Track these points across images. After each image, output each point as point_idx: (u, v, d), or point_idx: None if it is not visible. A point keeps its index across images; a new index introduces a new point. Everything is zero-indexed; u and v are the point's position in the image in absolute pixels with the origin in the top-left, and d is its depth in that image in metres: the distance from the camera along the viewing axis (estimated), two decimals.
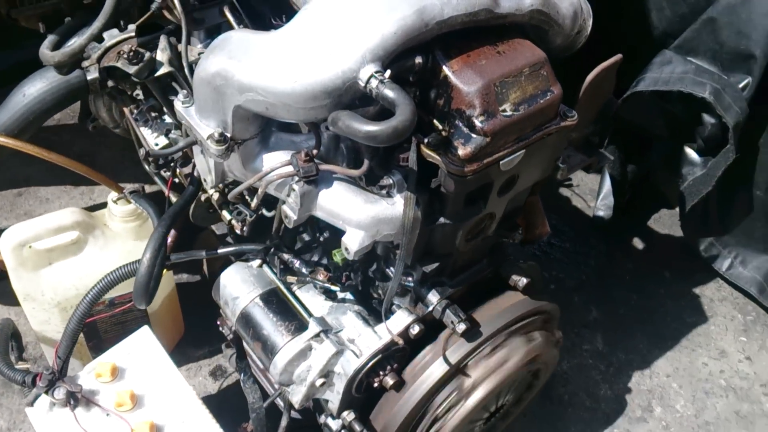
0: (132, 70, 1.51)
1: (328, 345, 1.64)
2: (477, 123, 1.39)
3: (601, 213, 2.93)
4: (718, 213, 2.65)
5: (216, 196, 1.79)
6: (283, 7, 1.71)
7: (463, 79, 1.39)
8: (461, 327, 1.65)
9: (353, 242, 1.48)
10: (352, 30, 1.32)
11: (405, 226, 1.47)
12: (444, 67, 1.40)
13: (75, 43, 1.54)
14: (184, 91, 1.47)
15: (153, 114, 1.78)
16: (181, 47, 1.59)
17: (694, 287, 2.83)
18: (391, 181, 1.49)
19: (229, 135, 1.43)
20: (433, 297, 1.69)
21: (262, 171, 1.47)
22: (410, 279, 1.70)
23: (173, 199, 1.93)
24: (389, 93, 1.27)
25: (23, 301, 1.97)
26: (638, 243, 2.97)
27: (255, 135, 1.48)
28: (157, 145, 1.80)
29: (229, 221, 1.85)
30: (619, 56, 1.72)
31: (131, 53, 1.48)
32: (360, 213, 1.48)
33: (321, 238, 1.83)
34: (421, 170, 1.46)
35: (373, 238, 1.50)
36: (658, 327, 2.68)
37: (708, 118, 2.32)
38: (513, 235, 1.78)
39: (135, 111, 1.79)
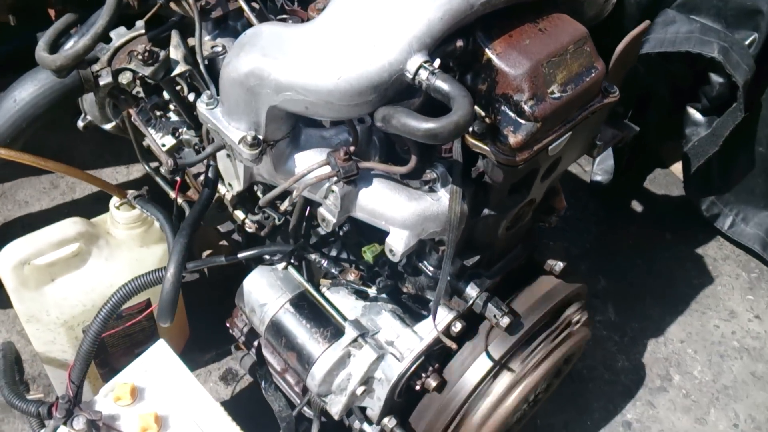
0: (147, 71, 1.38)
1: (367, 351, 1.56)
2: (526, 108, 1.30)
3: (598, 178, 2.88)
4: (719, 171, 2.62)
5: (229, 195, 1.68)
6: None
7: (509, 61, 1.30)
8: (505, 321, 1.58)
9: (398, 244, 1.39)
10: (395, 17, 1.21)
11: (451, 222, 1.38)
12: (487, 50, 1.31)
13: (79, 44, 1.39)
14: (208, 92, 1.35)
15: (157, 113, 1.65)
16: (193, 41, 1.45)
17: (697, 247, 2.81)
18: (435, 175, 1.40)
19: (261, 137, 1.32)
20: (472, 290, 1.62)
21: (298, 173, 1.37)
22: None
23: (180, 201, 1.81)
24: (443, 85, 1.18)
25: (26, 323, 1.83)
26: (637, 206, 2.94)
27: (287, 135, 1.37)
28: (164, 146, 1.67)
29: (242, 221, 1.75)
30: (646, 23, 1.65)
31: (146, 53, 1.35)
32: (404, 212, 1.39)
33: (340, 232, 1.73)
34: (465, 161, 1.38)
35: (419, 237, 1.42)
36: (666, 291, 2.66)
37: (715, 78, 2.27)
38: (550, 218, 1.71)
39: (135, 110, 1.65)
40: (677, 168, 2.95)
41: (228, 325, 2.00)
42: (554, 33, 1.36)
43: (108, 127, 1.94)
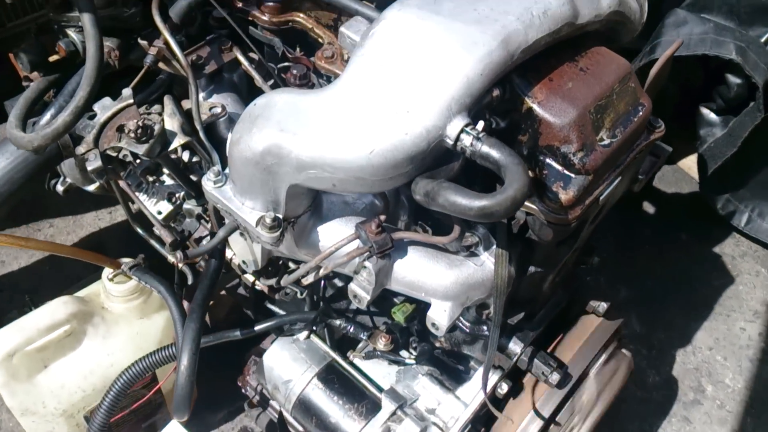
0: (142, 149, 1.21)
1: (409, 425, 1.42)
2: (576, 160, 1.16)
3: None
4: (734, 169, 2.51)
5: (237, 260, 1.52)
6: (294, 36, 1.43)
7: (553, 110, 1.16)
8: (555, 378, 1.45)
9: (442, 318, 1.25)
10: (429, 78, 1.06)
11: (498, 287, 1.24)
12: (527, 98, 1.17)
13: (58, 121, 1.22)
14: (215, 168, 1.18)
15: (149, 177, 1.48)
16: (187, 104, 1.29)
17: (713, 246, 2.71)
18: (476, 239, 1.25)
19: (281, 216, 1.16)
20: (515, 346, 1.48)
21: (325, 250, 1.21)
22: (484, 327, 1.49)
23: (181, 266, 1.65)
24: (491, 152, 1.03)
25: (21, 417, 1.66)
26: (648, 207, 2.82)
27: (309, 208, 1.21)
28: (160, 213, 1.50)
29: (252, 283, 1.59)
30: (679, 41, 1.52)
31: (139, 130, 1.18)
32: (445, 281, 1.24)
33: None
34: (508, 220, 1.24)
35: (463, 307, 1.27)
36: (688, 295, 2.55)
37: (733, 79, 2.15)
38: (591, 259, 1.57)
39: (124, 173, 1.48)
40: (685, 164, 2.84)
41: (240, 384, 1.85)
42: (597, 72, 1.22)
43: (91, 188, 1.76)
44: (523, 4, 1.13)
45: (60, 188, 1.77)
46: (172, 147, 1.24)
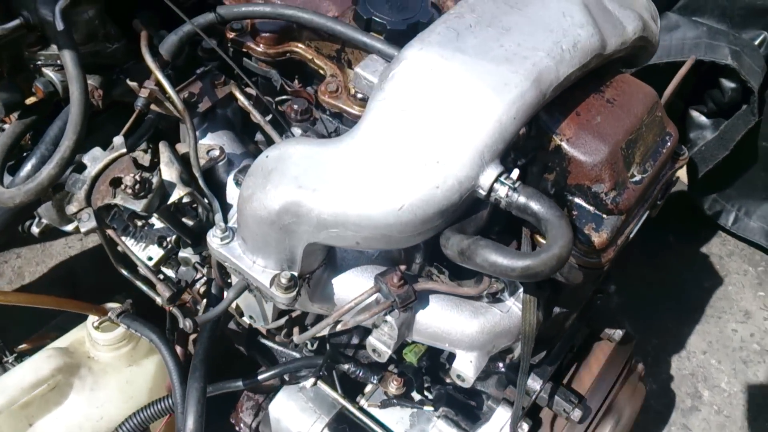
0: (140, 206, 1.10)
1: None
2: (608, 200, 1.10)
3: None
4: (722, 170, 2.48)
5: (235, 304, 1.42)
6: (292, 67, 1.33)
7: (584, 148, 1.09)
8: (576, 414, 1.40)
9: (468, 369, 1.17)
10: (459, 123, 0.98)
11: (526, 334, 1.17)
12: (555, 136, 1.09)
13: (42, 174, 1.10)
14: (221, 224, 1.08)
15: (137, 221, 1.37)
16: (182, 147, 1.18)
17: (701, 247, 2.69)
18: (502, 284, 1.18)
19: (296, 273, 1.07)
20: (534, 383, 1.41)
21: (344, 307, 1.12)
22: (499, 363, 1.42)
23: (175, 311, 1.54)
24: (531, 205, 0.96)
25: None
26: None
27: (324, 261, 1.12)
28: (150, 259, 1.40)
29: (249, 324, 1.50)
30: (693, 58, 1.46)
31: (137, 186, 1.07)
32: (470, 330, 1.17)
33: None
34: None
35: (489, 355, 1.20)
36: (679, 299, 2.53)
37: (727, 83, 2.11)
38: (608, 288, 1.51)
39: (108, 219, 1.37)
40: None
41: (233, 421, 1.76)
42: (625, 103, 1.15)
43: (70, 228, 1.64)
44: (551, 38, 1.06)
45: (35, 230, 1.65)
46: (171, 200, 1.13)
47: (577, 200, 1.12)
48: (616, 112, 1.13)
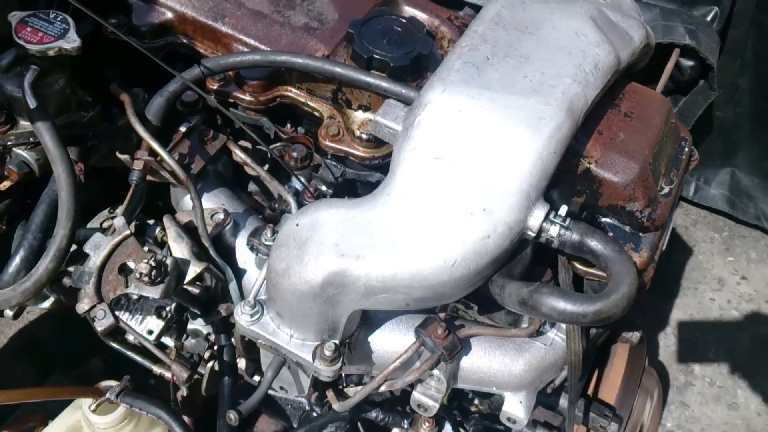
0: (157, 292, 1.00)
1: None
2: (643, 218, 1.07)
3: None
4: None
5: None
6: (282, 111, 1.25)
7: (614, 168, 1.06)
8: (613, 428, 1.37)
9: (519, 411, 1.14)
10: (499, 165, 0.93)
11: (573, 364, 1.14)
12: (582, 160, 1.05)
13: (39, 270, 0.99)
14: (250, 301, 1.00)
15: (133, 295, 1.27)
16: (184, 217, 1.09)
17: None
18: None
19: (338, 342, 1.00)
20: (565, 401, 1.38)
21: (389, 368, 1.05)
22: None
23: (179, 385, 1.44)
24: (588, 242, 0.92)
25: None
26: None
27: (361, 321, 1.06)
28: (151, 332, 1.29)
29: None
30: (677, 51, 1.45)
31: (153, 272, 0.97)
32: (516, 370, 1.13)
33: None
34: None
35: (537, 391, 1.16)
36: (655, 274, 2.55)
37: (686, 62, 2.11)
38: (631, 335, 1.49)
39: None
40: None
41: None
42: (642, 115, 1.12)
43: (46, 305, 1.51)
44: (572, 62, 1.01)
45: (9, 313, 1.51)
46: (188, 278, 1.04)
47: (611, 221, 1.09)
48: (636, 126, 1.10)
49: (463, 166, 0.93)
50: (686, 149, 1.17)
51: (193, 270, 1.04)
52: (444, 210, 0.91)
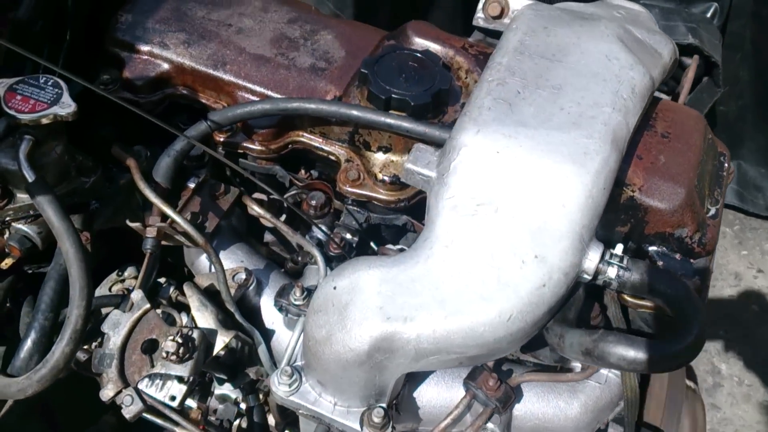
0: (186, 370, 0.93)
1: None
2: (694, 243, 1.01)
3: None
4: None
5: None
6: (293, 156, 1.18)
7: (659, 195, 0.99)
8: None
9: None
10: (546, 207, 0.86)
11: (629, 400, 1.07)
12: (624, 188, 0.99)
13: (55, 354, 0.91)
14: (287, 369, 0.93)
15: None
16: (203, 281, 1.01)
17: None
18: None
19: (385, 405, 0.93)
20: (614, 430, 1.32)
21: (440, 425, 0.99)
22: None
23: None
24: (655, 283, 0.85)
25: None
26: None
27: (407, 380, 0.99)
28: (173, 398, 1.21)
29: None
30: (695, 58, 1.40)
31: (181, 349, 0.90)
32: (573, 413, 1.06)
33: None
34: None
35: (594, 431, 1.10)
36: None
37: (687, 61, 2.06)
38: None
39: None
40: None
41: None
42: (680, 134, 1.06)
43: None
44: (608, 88, 0.95)
45: None
46: (216, 350, 0.97)
47: (660, 249, 1.02)
48: (676, 147, 1.04)
49: (508, 211, 0.86)
50: (726, 165, 1.12)
51: (222, 340, 0.97)
52: (493, 260, 0.85)
